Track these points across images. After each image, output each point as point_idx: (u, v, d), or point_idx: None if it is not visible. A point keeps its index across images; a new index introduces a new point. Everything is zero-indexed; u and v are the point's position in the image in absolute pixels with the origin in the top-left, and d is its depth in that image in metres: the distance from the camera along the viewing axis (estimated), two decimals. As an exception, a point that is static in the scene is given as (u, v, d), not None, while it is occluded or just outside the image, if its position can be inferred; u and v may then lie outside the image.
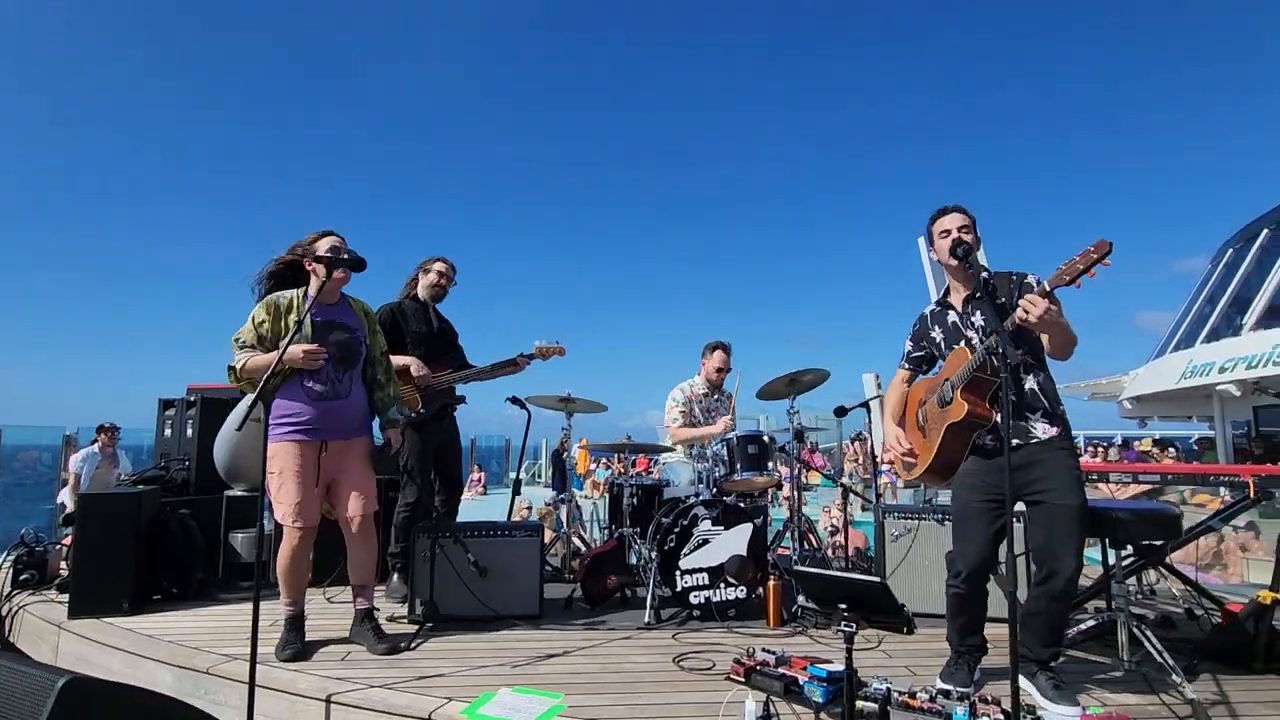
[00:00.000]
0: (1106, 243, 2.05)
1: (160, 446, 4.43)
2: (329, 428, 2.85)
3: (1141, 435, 18.37)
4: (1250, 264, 12.55)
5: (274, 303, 2.85)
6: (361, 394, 3.01)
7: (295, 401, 2.80)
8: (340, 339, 2.90)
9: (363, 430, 3.01)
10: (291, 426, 2.79)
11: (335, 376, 2.87)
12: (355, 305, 3.06)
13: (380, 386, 3.08)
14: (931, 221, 2.62)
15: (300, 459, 2.78)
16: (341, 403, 2.89)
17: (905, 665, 2.74)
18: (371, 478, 3.00)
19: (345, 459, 2.91)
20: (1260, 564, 5.57)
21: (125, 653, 2.83)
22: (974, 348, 2.46)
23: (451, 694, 2.35)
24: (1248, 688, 2.53)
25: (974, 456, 2.51)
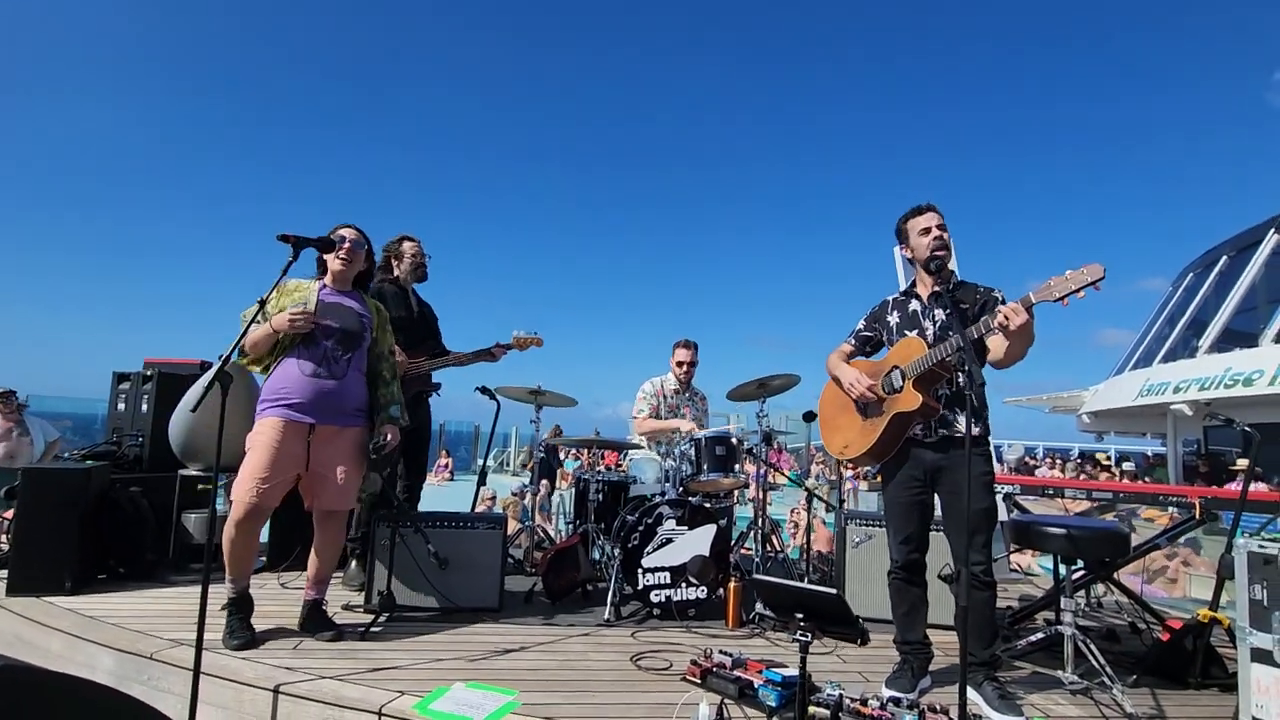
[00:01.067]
0: (1100, 268, 2.09)
1: (113, 420, 4.28)
2: (320, 409, 2.76)
3: (1099, 449, 18.94)
4: (1209, 289, 13.00)
5: (286, 285, 2.84)
6: (360, 382, 2.94)
7: (288, 377, 2.74)
8: (345, 320, 2.86)
9: (357, 420, 2.91)
10: (279, 402, 2.72)
11: (333, 356, 2.81)
12: (369, 301, 3.06)
13: (384, 383, 3.02)
14: (906, 219, 2.67)
15: (281, 436, 2.68)
16: (336, 384, 2.80)
17: (859, 671, 2.77)
18: (358, 475, 2.91)
19: (334, 448, 2.81)
20: (1201, 580, 5.77)
21: (66, 634, 2.74)
22: (928, 340, 2.52)
23: (405, 687, 2.32)
24: (1183, 703, 2.62)
25: (903, 450, 2.60)
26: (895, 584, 2.65)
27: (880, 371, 2.65)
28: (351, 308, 2.93)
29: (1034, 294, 2.23)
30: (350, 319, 2.89)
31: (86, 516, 3.32)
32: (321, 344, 2.80)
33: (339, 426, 2.82)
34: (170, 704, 2.33)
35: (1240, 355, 10.72)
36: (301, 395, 2.73)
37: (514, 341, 3.81)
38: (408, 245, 3.78)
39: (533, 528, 4.54)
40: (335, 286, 2.94)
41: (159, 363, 4.41)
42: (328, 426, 2.79)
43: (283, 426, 2.69)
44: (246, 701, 2.32)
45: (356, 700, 2.22)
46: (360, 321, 2.92)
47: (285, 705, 2.26)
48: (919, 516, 2.59)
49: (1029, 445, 21.61)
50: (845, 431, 2.77)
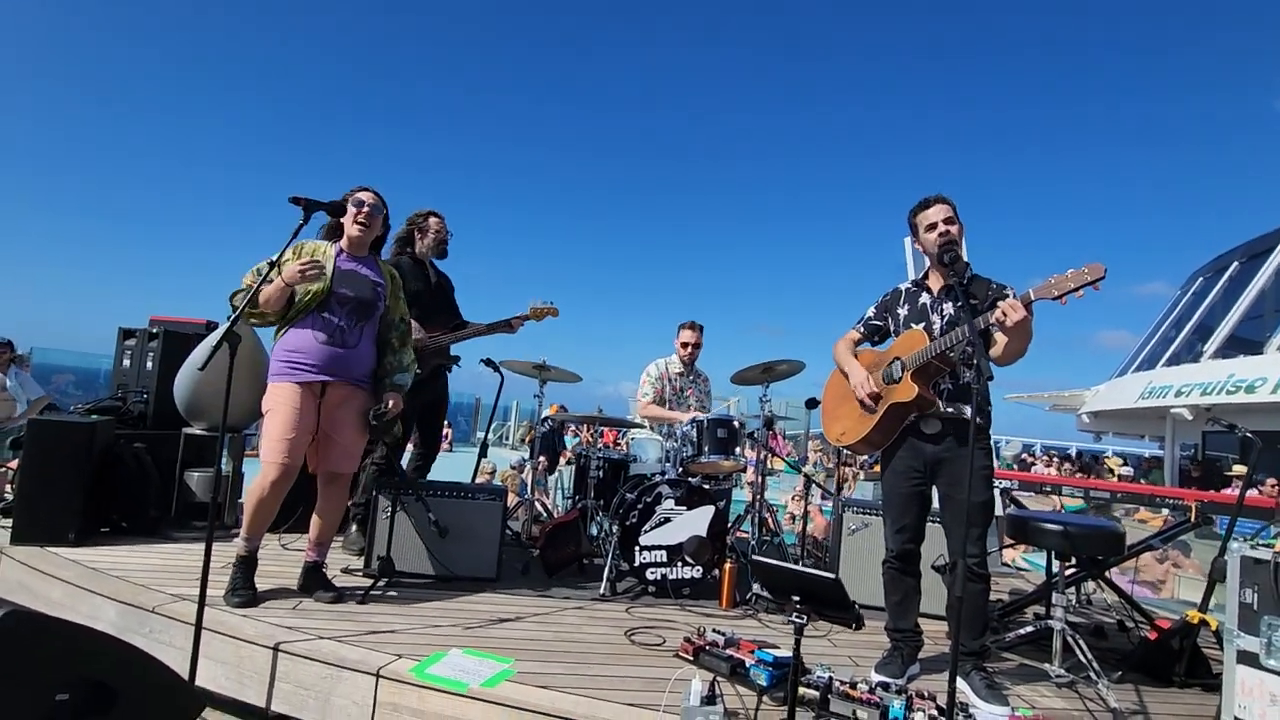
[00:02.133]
0: (1101, 267, 2.08)
1: (118, 377, 4.30)
2: (331, 370, 2.80)
3: (1098, 450, 18.99)
4: (1217, 294, 12.93)
5: (301, 245, 2.85)
6: (371, 351, 2.96)
7: (302, 343, 2.77)
8: (359, 289, 2.88)
9: (364, 383, 2.94)
10: (293, 366, 2.76)
11: (346, 325, 2.84)
12: (384, 267, 3.06)
13: (393, 350, 3.04)
14: (914, 213, 2.66)
15: (299, 399, 2.74)
16: (348, 352, 2.84)
17: (849, 655, 2.81)
18: (362, 439, 2.95)
19: (340, 412, 2.85)
20: (1191, 582, 5.82)
21: (69, 584, 2.78)
22: (932, 334, 2.53)
23: (402, 651, 2.36)
24: (1167, 699, 2.66)
25: (903, 440, 2.62)
26: (890, 573, 2.67)
27: (883, 362, 2.66)
28: (366, 276, 2.93)
29: (1034, 291, 2.23)
30: (365, 288, 2.90)
31: (91, 470, 3.35)
32: (336, 312, 2.82)
33: (348, 389, 2.86)
34: (171, 656, 2.36)
35: (1244, 362, 10.70)
36: (315, 358, 2.78)
37: (530, 312, 3.81)
38: (433, 220, 3.75)
39: (531, 501, 4.58)
40: (351, 252, 2.94)
41: (165, 321, 4.42)
42: (340, 386, 2.83)
43: (300, 390, 2.75)
44: (246, 658, 2.36)
45: (355, 661, 2.25)
46: (375, 290, 2.93)
47: (284, 663, 2.30)
48: (917, 507, 2.61)
49: (1027, 442, 21.67)
50: (844, 420, 2.79)
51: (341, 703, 2.21)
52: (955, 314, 2.54)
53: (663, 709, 2.06)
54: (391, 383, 2.99)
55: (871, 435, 2.63)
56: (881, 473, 2.73)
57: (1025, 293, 2.25)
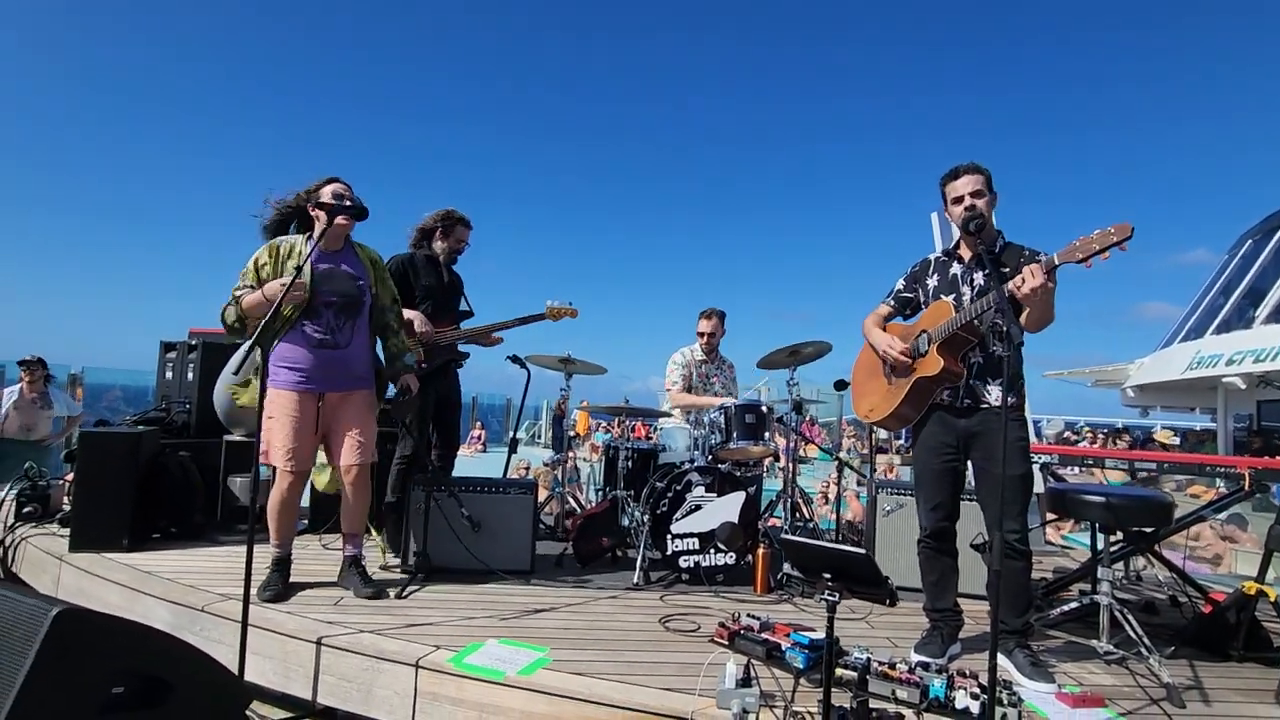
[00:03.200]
0: (1129, 226, 2.00)
1: (161, 389, 4.45)
2: (326, 378, 2.86)
3: (1146, 425, 18.36)
4: (1268, 256, 12.35)
5: (276, 246, 2.86)
6: (364, 345, 2.99)
7: (295, 349, 2.81)
8: (342, 287, 2.88)
9: (363, 383, 2.99)
10: (289, 374, 2.81)
11: (336, 325, 2.86)
12: (362, 253, 3.02)
13: (393, 333, 3.08)
14: (944, 182, 2.59)
15: (297, 406, 2.81)
16: (341, 353, 2.88)
17: (887, 637, 2.78)
18: (371, 429, 3.00)
19: (343, 410, 2.92)
20: (1248, 556, 5.60)
21: (124, 587, 2.89)
22: (961, 305, 2.47)
23: (440, 642, 2.40)
24: (1224, 674, 2.56)
25: (932, 415, 2.57)
26: (925, 552, 2.63)
27: (910, 336, 2.61)
28: (346, 272, 2.91)
29: (1057, 256, 2.16)
30: (347, 285, 2.89)
31: (139, 479, 3.48)
32: (323, 315, 2.83)
33: (345, 391, 2.91)
34: (221, 653, 2.44)
35: (1300, 326, 10.22)
36: (308, 365, 2.82)
37: (547, 312, 3.83)
38: (459, 229, 3.77)
39: (563, 495, 4.61)
40: (327, 248, 2.88)
41: (203, 333, 4.56)
42: (334, 394, 2.89)
43: (296, 397, 2.81)
44: (291, 653, 2.42)
45: (394, 653, 2.30)
46: (357, 286, 2.92)
47: (327, 656, 2.36)
48: (950, 484, 2.55)
49: (1069, 420, 21.04)
50: (871, 396, 2.77)
51: (383, 693, 2.26)
52: (986, 283, 2.47)
53: (698, 692, 2.05)
54: (402, 364, 3.04)
55: (900, 410, 2.59)
56: (913, 449, 2.68)
57: (1049, 258, 2.19)
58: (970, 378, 2.49)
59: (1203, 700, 2.31)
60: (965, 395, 2.50)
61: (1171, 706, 2.22)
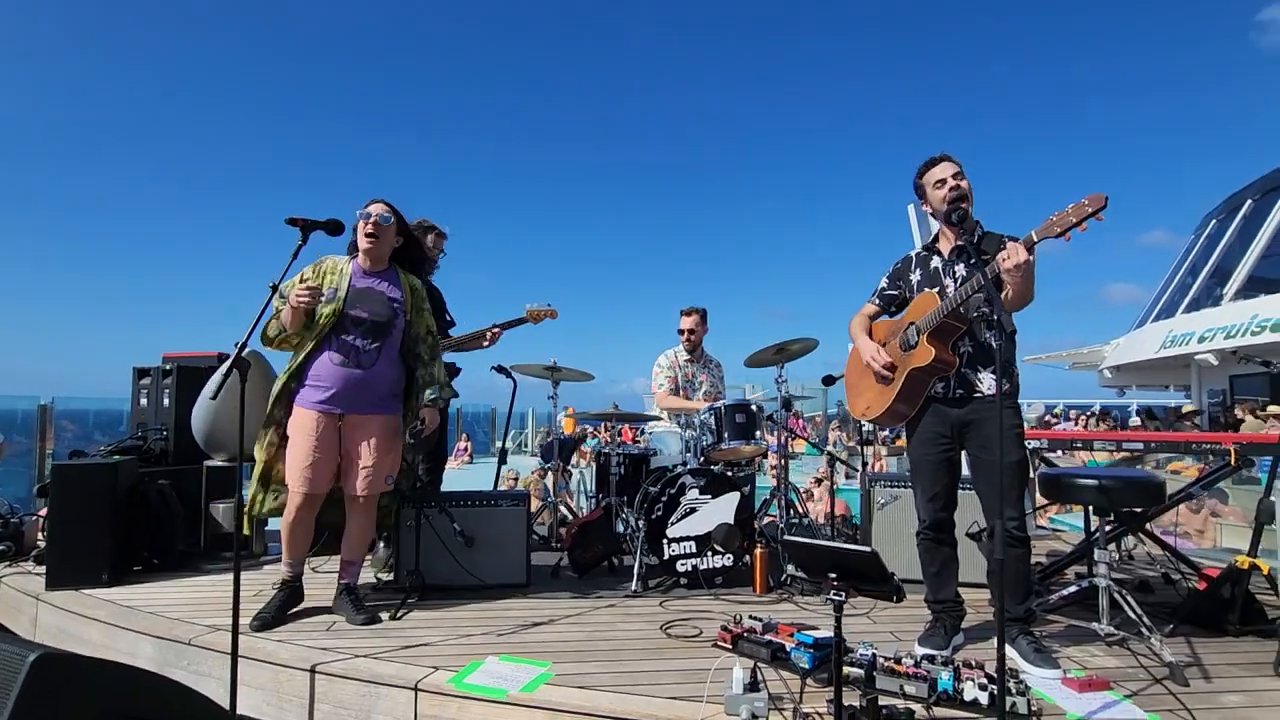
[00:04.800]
0: (1102, 196, 2.02)
1: (136, 416, 4.33)
2: (349, 399, 2.80)
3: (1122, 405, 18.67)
4: (1232, 235, 12.66)
5: (321, 263, 2.87)
6: (391, 370, 2.93)
7: (321, 367, 2.79)
8: (374, 308, 2.85)
9: (386, 408, 2.92)
10: (312, 394, 2.78)
11: (361, 346, 2.82)
12: (404, 279, 3.01)
13: (423, 364, 3.01)
14: (921, 173, 2.60)
15: (317, 426, 2.76)
16: (364, 374, 2.82)
17: (890, 631, 2.76)
18: (388, 459, 2.91)
19: (363, 434, 2.85)
20: (1233, 529, 5.70)
21: (105, 624, 2.79)
22: (945, 295, 2.47)
23: (438, 663, 2.34)
24: (1222, 649, 2.58)
25: (927, 407, 2.57)
26: (925, 543, 2.62)
27: (899, 330, 2.61)
28: (382, 293, 2.90)
29: (1036, 232, 2.17)
30: (380, 306, 2.87)
31: (118, 510, 3.37)
32: (351, 333, 2.81)
33: (367, 415, 2.85)
34: (211, 687, 2.37)
35: (1267, 301, 10.47)
36: (331, 385, 2.78)
37: (527, 315, 3.78)
38: (430, 238, 3.75)
39: (555, 504, 4.56)
40: (369, 267, 2.91)
41: (177, 357, 4.44)
42: (355, 415, 2.83)
43: (317, 416, 2.77)
44: (284, 682, 2.35)
45: (392, 676, 2.24)
46: (391, 308, 2.90)
47: (322, 684, 2.29)
48: (946, 474, 2.56)
49: (1049, 403, 21.37)
50: (866, 394, 2.76)
51: (382, 719, 2.20)
52: (968, 274, 2.48)
53: (705, 700, 2.02)
54: (426, 399, 2.95)
55: (895, 406, 2.58)
56: (907, 442, 2.68)
57: (1028, 235, 2.20)
58: (962, 366, 2.49)
59: (1204, 676, 2.33)
60: (958, 385, 2.50)
61: (1175, 685, 2.23)
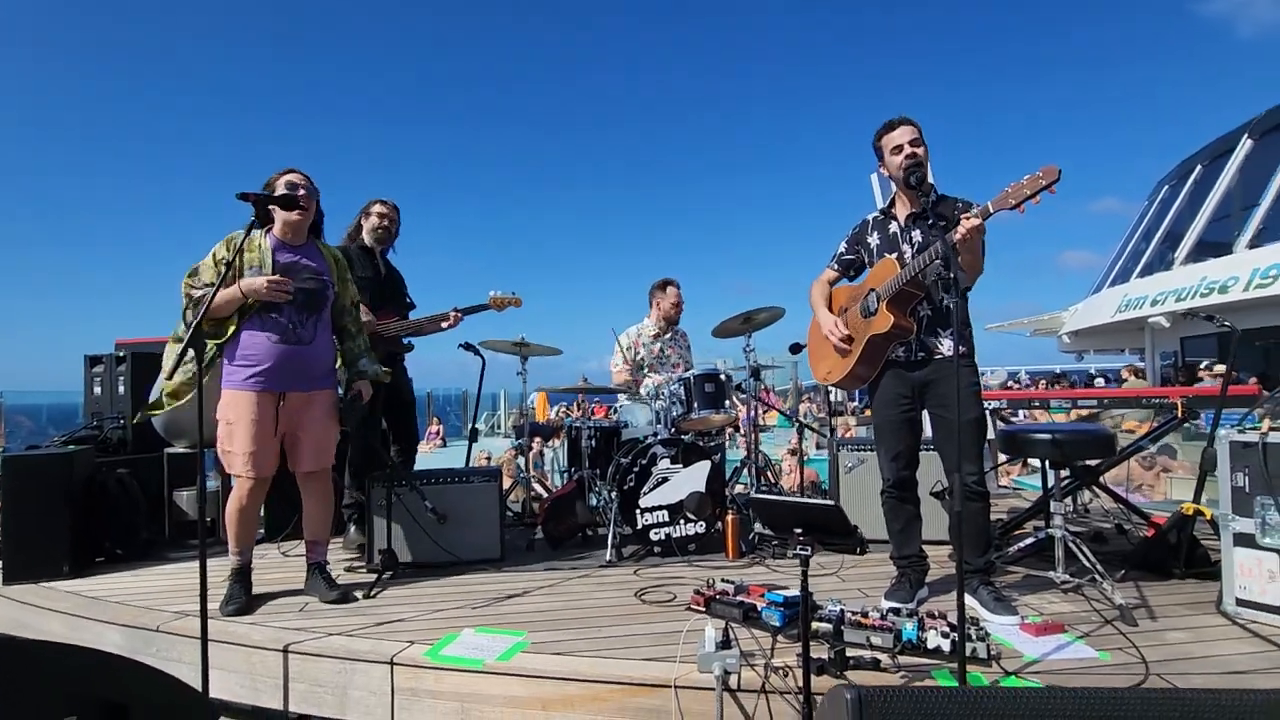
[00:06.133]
0: (1055, 169, 2.06)
1: (90, 405, 4.20)
2: (289, 377, 2.72)
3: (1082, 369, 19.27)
4: (1183, 200, 13.04)
5: (233, 239, 2.70)
6: (327, 343, 2.88)
7: (254, 346, 2.67)
8: (305, 282, 2.75)
9: (325, 382, 2.88)
10: (249, 374, 2.67)
11: (298, 321, 2.74)
12: (326, 251, 2.91)
13: (350, 336, 2.97)
14: (880, 136, 2.62)
15: (256, 408, 2.66)
16: (303, 349, 2.75)
17: (858, 588, 2.84)
18: (332, 433, 2.90)
19: (305, 412, 2.79)
20: (1182, 482, 5.95)
21: (68, 615, 2.73)
22: (904, 262, 2.52)
23: (413, 638, 2.34)
24: (1168, 591, 2.72)
25: (887, 370, 2.63)
26: (889, 502, 2.69)
27: (860, 296, 2.65)
28: (309, 265, 2.80)
29: (992, 204, 2.21)
30: (310, 279, 2.78)
31: (75, 501, 3.28)
32: (284, 310, 2.71)
33: (307, 391, 2.79)
34: (182, 672, 2.33)
35: (1215, 264, 10.84)
36: (270, 363, 2.68)
37: (490, 302, 3.74)
38: (375, 208, 3.67)
39: (529, 481, 4.57)
40: (290, 241, 2.79)
41: (130, 343, 4.31)
42: (296, 393, 2.76)
43: (255, 398, 2.67)
44: (258, 663, 2.34)
45: (367, 652, 2.24)
46: (321, 280, 2.82)
47: (296, 663, 2.28)
48: (908, 434, 2.62)
49: (1011, 370, 21.96)
50: (827, 359, 2.81)
51: (359, 694, 2.20)
52: (925, 239, 2.53)
53: (679, 659, 2.06)
54: (357, 370, 2.95)
55: (856, 369, 2.63)
56: (870, 404, 2.74)
57: (984, 205, 2.24)
58: (920, 332, 2.54)
59: (1151, 616, 2.45)
60: (918, 349, 2.56)
61: (1125, 625, 2.34)
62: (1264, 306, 9.48)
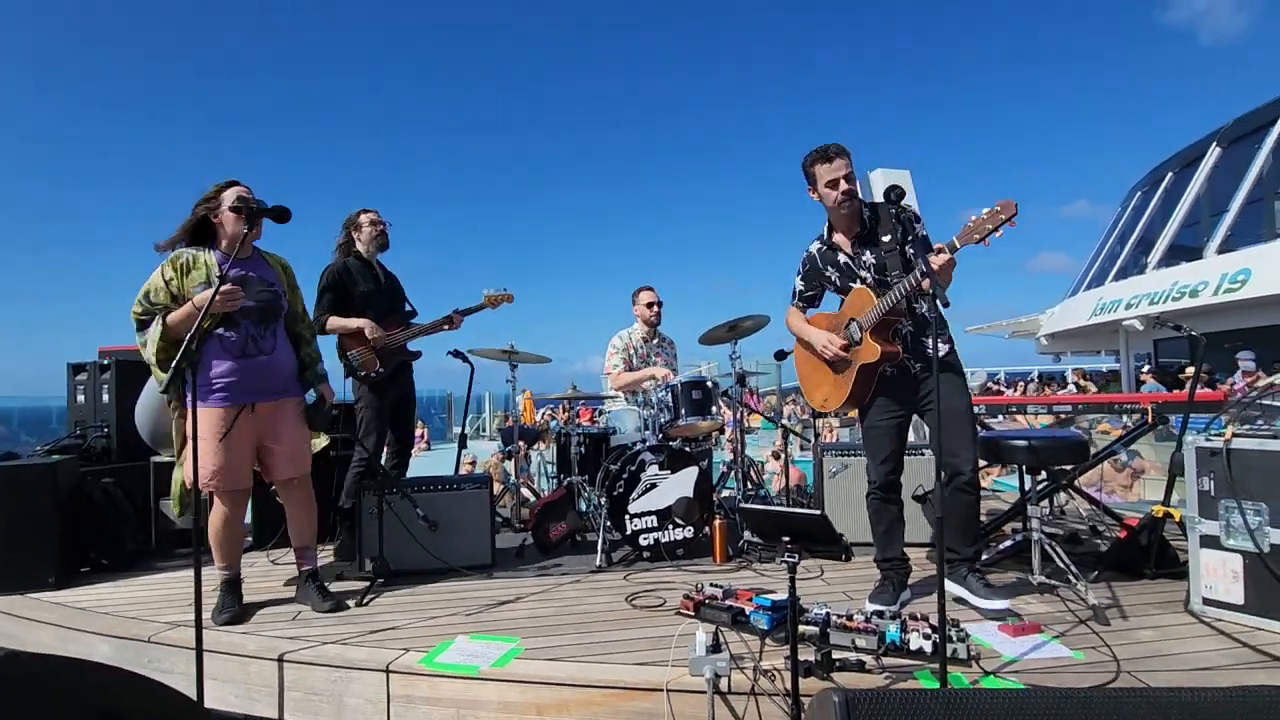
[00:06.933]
0: (1012, 204, 2.15)
1: (74, 414, 4.16)
2: (254, 388, 2.73)
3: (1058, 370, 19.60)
4: (1156, 206, 13.36)
5: (178, 258, 2.68)
6: (288, 350, 2.90)
7: (219, 363, 2.67)
8: (258, 295, 2.75)
9: (292, 389, 2.90)
10: (214, 390, 2.66)
11: (256, 333, 2.75)
12: (272, 260, 2.91)
13: (306, 342, 2.99)
14: (813, 163, 2.62)
15: (222, 423, 2.66)
16: (265, 360, 2.76)
17: (843, 591, 2.92)
18: (305, 439, 2.93)
19: (276, 421, 2.81)
20: (1154, 483, 6.13)
21: (57, 627, 2.72)
22: (871, 287, 2.59)
23: (408, 645, 2.37)
24: (1140, 591, 2.82)
25: (880, 385, 2.70)
26: (874, 503, 2.77)
27: (841, 323, 2.73)
28: (258, 277, 2.79)
29: (957, 239, 2.28)
30: (263, 291, 2.77)
31: (60, 511, 3.26)
32: (242, 324, 2.70)
33: (276, 400, 2.81)
34: (176, 683, 2.32)
35: (1186, 269, 11.14)
36: (234, 378, 2.69)
37: (485, 300, 3.79)
38: (365, 217, 3.68)
39: (517, 486, 4.60)
40: (237, 255, 2.68)
41: (114, 351, 4.27)
42: (265, 403, 2.77)
43: (222, 413, 2.67)
44: (253, 673, 2.35)
45: (362, 660, 2.26)
46: (273, 290, 2.82)
47: (291, 672, 2.30)
48: (896, 439, 2.70)
49: (990, 371, 22.29)
50: (822, 387, 2.85)
51: (354, 702, 2.22)
52: (879, 258, 2.61)
53: (670, 663, 2.12)
54: (315, 374, 2.99)
55: (853, 396, 2.70)
56: (860, 412, 2.80)
57: (950, 241, 2.31)
58: (905, 350, 2.62)
59: (1122, 616, 2.55)
60: (916, 359, 2.63)
61: (1098, 624, 2.44)
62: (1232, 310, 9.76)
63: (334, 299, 3.50)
